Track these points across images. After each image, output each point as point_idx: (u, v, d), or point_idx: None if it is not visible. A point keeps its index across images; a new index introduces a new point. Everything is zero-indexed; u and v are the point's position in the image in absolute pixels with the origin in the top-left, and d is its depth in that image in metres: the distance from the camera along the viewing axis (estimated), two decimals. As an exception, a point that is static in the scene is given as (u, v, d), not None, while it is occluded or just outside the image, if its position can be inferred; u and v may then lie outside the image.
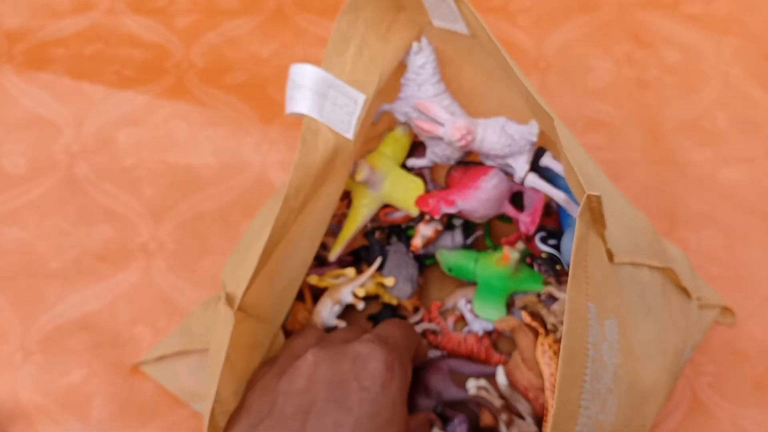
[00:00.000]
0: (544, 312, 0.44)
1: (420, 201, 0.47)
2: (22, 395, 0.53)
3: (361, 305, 0.49)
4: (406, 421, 0.38)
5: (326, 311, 0.49)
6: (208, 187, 0.61)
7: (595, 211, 0.33)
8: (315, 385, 0.37)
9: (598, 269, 0.34)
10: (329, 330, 0.50)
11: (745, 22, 0.66)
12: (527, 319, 0.47)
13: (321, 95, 0.39)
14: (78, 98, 0.66)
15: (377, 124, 0.51)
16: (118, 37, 0.69)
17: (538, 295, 0.48)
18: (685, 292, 0.46)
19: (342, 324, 0.49)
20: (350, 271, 0.50)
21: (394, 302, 0.51)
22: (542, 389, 0.43)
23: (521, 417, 0.44)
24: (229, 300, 0.39)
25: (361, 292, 0.49)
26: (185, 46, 0.68)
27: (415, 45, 0.44)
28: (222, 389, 0.39)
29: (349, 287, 0.49)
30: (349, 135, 0.41)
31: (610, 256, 0.37)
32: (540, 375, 0.43)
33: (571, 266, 0.32)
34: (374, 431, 0.35)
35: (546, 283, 0.47)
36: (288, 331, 0.50)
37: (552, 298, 0.46)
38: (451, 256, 0.49)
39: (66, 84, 0.66)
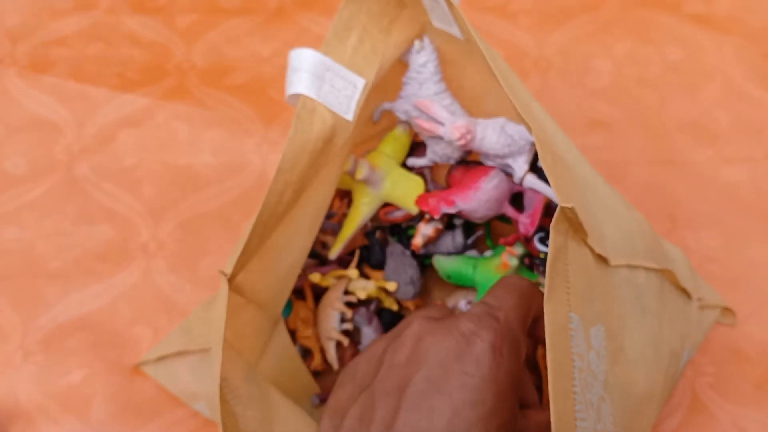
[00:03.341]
0: None
1: (420, 200, 0.47)
2: (22, 395, 0.53)
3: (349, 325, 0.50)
4: (515, 410, 0.34)
5: (335, 322, 0.49)
6: (208, 187, 0.61)
7: (573, 221, 0.33)
8: (416, 359, 0.34)
9: (581, 277, 0.33)
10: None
11: (746, 22, 0.66)
12: None
13: (318, 77, 0.40)
14: (81, 101, 0.66)
15: (378, 123, 0.51)
16: (119, 36, 0.69)
17: None
18: (684, 293, 0.46)
19: (345, 340, 0.49)
20: (353, 272, 0.50)
21: (395, 308, 0.51)
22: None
23: None
24: (225, 276, 0.39)
25: (363, 295, 0.49)
26: (186, 45, 0.68)
27: (417, 44, 0.44)
28: (231, 376, 0.39)
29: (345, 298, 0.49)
30: (349, 116, 0.41)
31: (604, 260, 0.37)
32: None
33: (547, 278, 0.31)
34: (475, 421, 0.31)
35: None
36: (291, 331, 0.50)
37: None
38: (448, 263, 0.49)
39: (70, 87, 0.66)
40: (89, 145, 0.63)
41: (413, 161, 0.50)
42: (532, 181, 0.44)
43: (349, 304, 0.50)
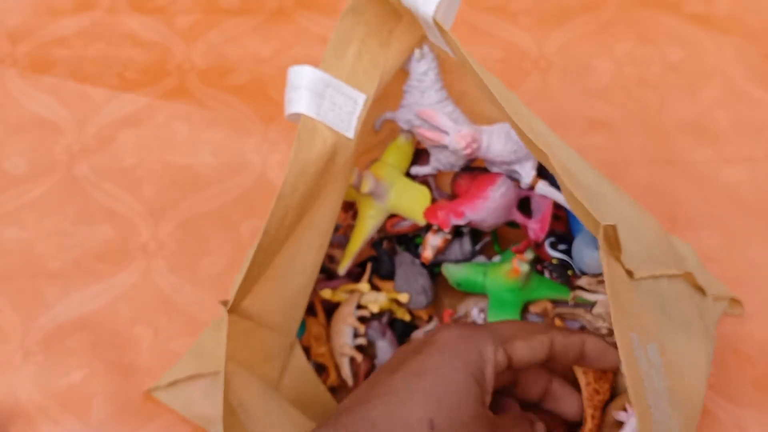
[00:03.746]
0: (588, 318, 0.43)
1: (428, 214, 0.47)
2: (22, 395, 0.53)
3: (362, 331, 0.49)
4: (471, 391, 0.35)
5: (348, 338, 0.49)
6: (208, 187, 0.61)
7: (611, 239, 0.33)
8: (392, 359, 0.38)
9: (624, 295, 0.33)
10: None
11: (746, 22, 0.66)
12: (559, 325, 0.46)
13: (318, 94, 0.39)
14: (81, 101, 0.66)
15: (379, 133, 0.51)
16: (119, 36, 0.69)
17: (553, 302, 0.47)
18: (701, 290, 0.46)
19: (358, 356, 0.49)
20: (364, 286, 0.49)
21: (407, 318, 0.51)
22: None
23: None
24: (226, 304, 0.39)
25: (376, 308, 0.49)
26: (186, 45, 0.68)
27: (417, 52, 0.44)
28: (246, 398, 0.39)
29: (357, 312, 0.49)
30: (350, 134, 0.41)
31: (630, 274, 0.36)
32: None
33: (610, 301, 0.32)
34: (420, 389, 0.34)
35: (573, 288, 0.46)
36: (305, 348, 0.49)
37: (572, 304, 0.46)
38: (458, 271, 0.49)
39: (69, 87, 0.66)
40: (89, 145, 0.63)
41: (417, 170, 0.49)
42: (544, 188, 0.44)
43: (361, 319, 0.50)
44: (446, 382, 0.34)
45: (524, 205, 0.47)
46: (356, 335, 0.49)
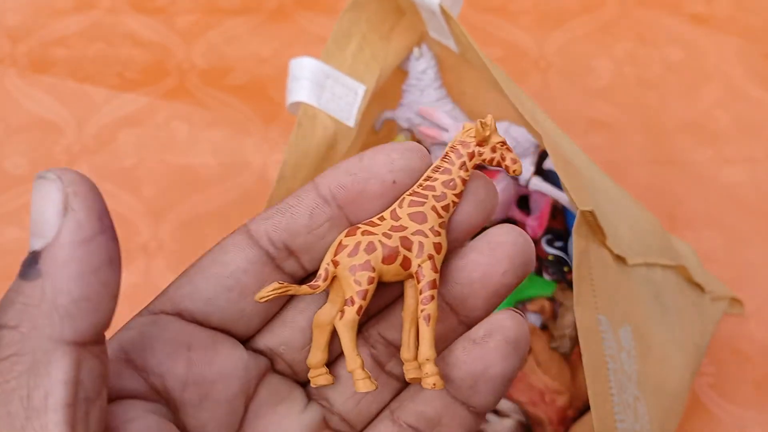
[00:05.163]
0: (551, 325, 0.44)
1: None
2: (23, 395, 0.53)
3: None
4: None
5: None
6: (208, 187, 0.61)
7: (592, 224, 0.33)
8: None
9: (604, 278, 0.34)
10: None
11: (746, 22, 0.66)
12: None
13: (319, 85, 0.40)
14: (81, 101, 0.66)
15: (379, 132, 0.51)
16: (119, 36, 0.69)
17: (550, 300, 0.47)
18: (698, 287, 0.46)
19: None
20: None
21: None
22: (559, 392, 0.43)
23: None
24: None
25: None
26: (186, 45, 0.68)
27: (416, 51, 0.44)
28: None
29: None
30: (350, 123, 0.42)
31: (622, 260, 0.37)
32: (556, 377, 0.43)
33: (574, 283, 0.31)
34: None
35: (568, 283, 0.47)
36: None
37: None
38: None
39: (69, 87, 0.66)
40: (89, 145, 0.63)
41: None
42: (537, 183, 0.44)
43: None
44: None
45: (523, 203, 0.47)
46: None
